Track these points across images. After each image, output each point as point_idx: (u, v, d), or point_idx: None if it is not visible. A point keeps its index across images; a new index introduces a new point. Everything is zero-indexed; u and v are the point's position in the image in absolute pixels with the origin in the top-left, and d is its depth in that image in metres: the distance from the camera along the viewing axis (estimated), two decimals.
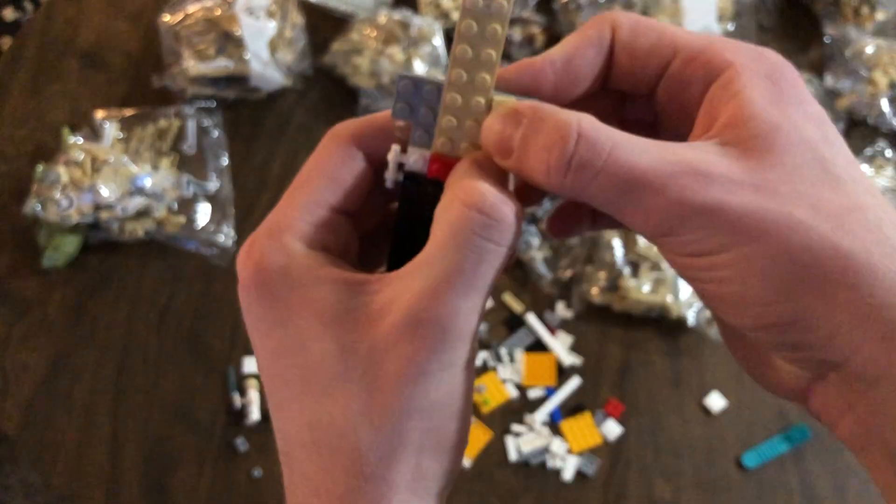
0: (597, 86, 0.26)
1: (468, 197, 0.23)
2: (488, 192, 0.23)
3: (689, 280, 0.24)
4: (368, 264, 0.29)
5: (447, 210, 0.24)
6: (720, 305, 0.23)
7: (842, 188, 0.22)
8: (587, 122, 0.23)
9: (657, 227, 0.22)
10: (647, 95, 0.27)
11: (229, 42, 0.83)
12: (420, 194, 0.27)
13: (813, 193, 0.22)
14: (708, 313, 0.74)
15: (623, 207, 0.23)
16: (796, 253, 0.21)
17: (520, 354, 0.74)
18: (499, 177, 0.25)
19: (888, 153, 0.84)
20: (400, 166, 0.26)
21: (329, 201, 0.26)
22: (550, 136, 0.23)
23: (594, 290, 0.75)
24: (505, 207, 0.23)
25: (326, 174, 0.26)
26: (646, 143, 0.23)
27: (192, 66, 0.83)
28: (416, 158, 0.26)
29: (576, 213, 0.30)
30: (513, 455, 0.70)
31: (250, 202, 0.81)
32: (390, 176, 0.27)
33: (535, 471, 0.69)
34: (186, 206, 0.79)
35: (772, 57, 0.24)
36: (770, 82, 0.23)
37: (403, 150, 0.26)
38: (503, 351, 0.74)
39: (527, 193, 0.29)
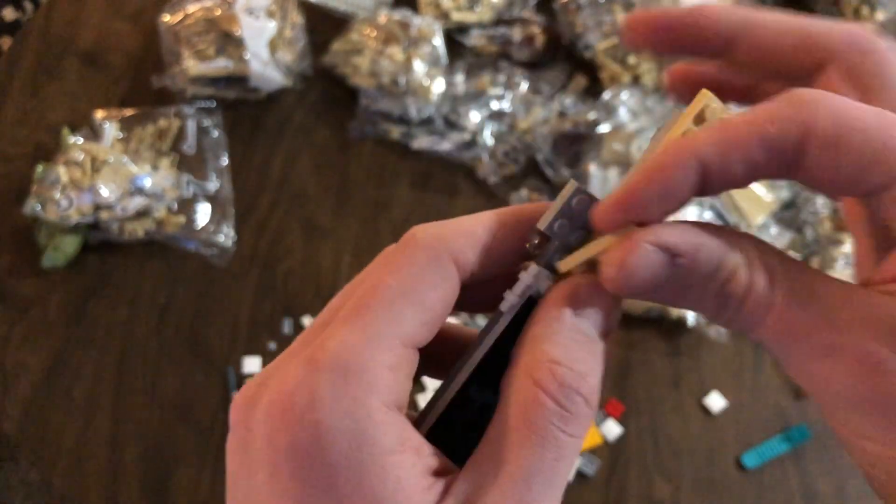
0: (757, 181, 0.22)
1: (543, 380, 0.20)
2: (570, 377, 0.20)
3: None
4: None
5: (520, 389, 0.20)
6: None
7: None
8: (759, 267, 0.20)
9: (813, 390, 0.20)
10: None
11: (229, 42, 0.83)
12: (523, 318, 0.22)
13: None
14: None
15: (780, 356, 0.20)
16: None
17: None
18: (601, 317, 0.21)
19: None
20: (524, 291, 0.22)
21: (413, 336, 0.20)
22: (712, 282, 0.20)
23: None
24: (582, 396, 0.20)
25: (416, 298, 0.20)
26: (815, 294, 0.20)
27: (192, 66, 0.83)
28: (546, 280, 0.22)
29: None
30: None
31: (250, 202, 0.81)
32: (512, 299, 0.22)
33: None
34: (186, 206, 0.79)
35: None
36: None
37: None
38: None
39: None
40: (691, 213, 0.77)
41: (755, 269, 0.20)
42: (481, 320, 0.71)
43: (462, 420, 0.22)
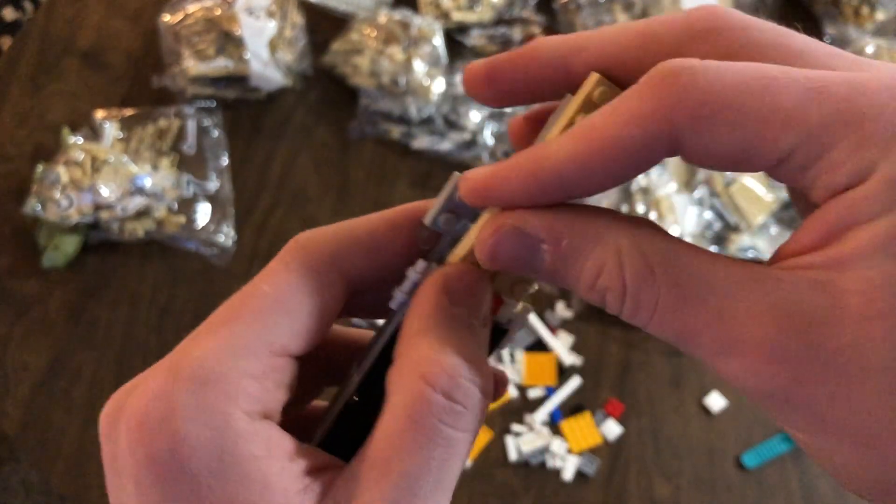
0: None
1: (431, 374, 0.19)
2: (459, 366, 0.19)
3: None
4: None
5: (405, 387, 0.19)
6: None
7: None
8: (631, 261, 0.18)
9: (736, 384, 0.19)
10: None
11: (229, 42, 0.83)
12: None
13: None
14: None
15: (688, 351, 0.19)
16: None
17: (520, 354, 0.74)
18: (478, 302, 0.21)
19: None
20: (414, 286, 0.21)
21: (284, 345, 0.20)
22: (583, 278, 0.19)
23: None
24: (476, 385, 0.19)
25: (289, 306, 0.20)
26: (707, 277, 0.18)
27: (192, 66, 0.83)
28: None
29: None
30: (513, 455, 0.70)
31: (250, 202, 0.81)
32: (401, 296, 0.21)
33: (535, 471, 0.69)
34: (186, 206, 0.79)
35: None
36: None
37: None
38: (504, 351, 0.74)
39: None
40: (691, 212, 0.77)
41: (628, 263, 0.18)
42: None
43: (363, 423, 0.22)
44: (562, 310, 0.76)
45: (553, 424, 0.71)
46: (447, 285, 0.20)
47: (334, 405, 0.22)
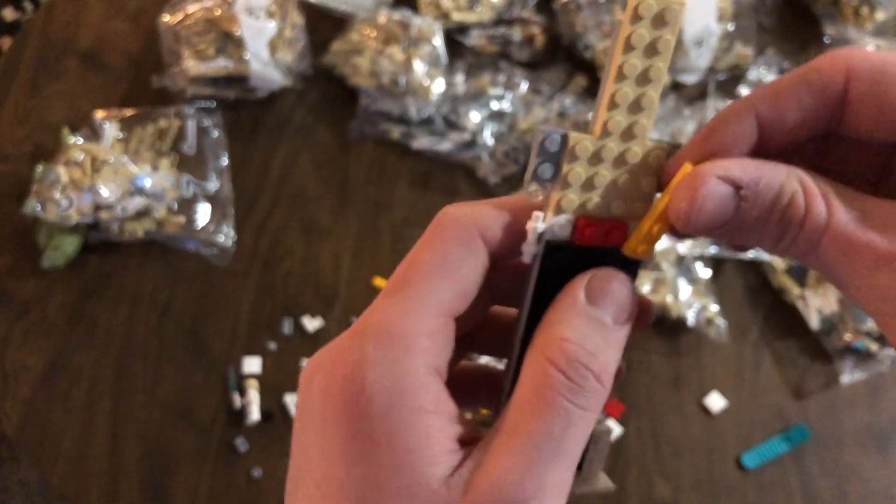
0: (808, 137, 0.23)
1: (553, 355, 0.21)
2: (579, 353, 0.21)
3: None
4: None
5: (533, 365, 0.22)
6: None
7: None
8: (812, 190, 0.21)
9: (867, 303, 0.21)
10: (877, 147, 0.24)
11: (229, 42, 0.83)
12: (565, 268, 0.23)
13: None
14: (707, 313, 0.74)
15: (835, 276, 0.21)
16: None
17: None
18: (618, 307, 0.23)
19: None
20: (539, 237, 0.23)
21: (449, 305, 0.22)
22: (775, 210, 0.21)
23: None
24: (592, 372, 0.21)
25: (449, 271, 0.22)
26: (867, 211, 0.21)
27: (192, 66, 0.83)
28: (562, 224, 0.23)
29: None
30: None
31: (250, 202, 0.81)
32: (529, 249, 0.23)
33: None
34: (186, 206, 0.79)
35: None
36: None
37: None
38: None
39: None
40: None
41: (810, 193, 0.21)
42: None
43: None
44: None
45: None
46: (589, 285, 0.23)
47: (507, 369, 0.25)
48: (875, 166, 0.24)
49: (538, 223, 0.22)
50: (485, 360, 0.56)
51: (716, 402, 0.72)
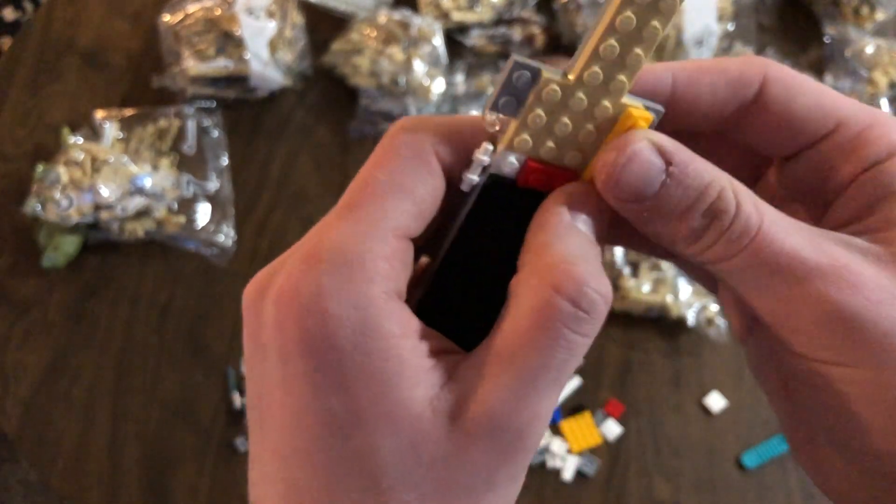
0: (704, 128, 0.23)
1: (560, 282, 0.20)
2: (587, 277, 0.20)
3: (797, 379, 0.21)
4: None
5: (533, 292, 0.20)
6: (828, 416, 0.21)
7: None
8: (743, 191, 0.20)
9: (785, 319, 0.21)
10: (779, 161, 0.24)
11: (229, 42, 0.83)
12: (501, 205, 0.22)
13: None
14: (707, 313, 0.74)
15: (751, 288, 0.21)
16: None
17: None
18: (597, 226, 0.22)
19: None
20: (483, 169, 0.22)
21: (406, 228, 0.21)
22: (700, 201, 0.20)
23: None
24: (601, 295, 0.20)
25: (406, 192, 0.21)
26: (792, 222, 0.21)
27: (192, 66, 0.83)
28: (510, 161, 0.22)
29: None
30: None
31: (250, 202, 0.81)
32: (470, 177, 0.22)
33: (535, 470, 0.69)
34: (186, 206, 0.79)
35: None
36: None
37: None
38: None
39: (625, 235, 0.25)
40: None
41: (741, 193, 0.20)
42: None
43: (453, 305, 0.23)
44: None
45: (553, 424, 0.71)
46: (570, 202, 0.22)
47: (424, 281, 0.24)
48: (748, 178, 0.25)
49: (486, 156, 0.22)
50: None
51: (716, 401, 0.72)
